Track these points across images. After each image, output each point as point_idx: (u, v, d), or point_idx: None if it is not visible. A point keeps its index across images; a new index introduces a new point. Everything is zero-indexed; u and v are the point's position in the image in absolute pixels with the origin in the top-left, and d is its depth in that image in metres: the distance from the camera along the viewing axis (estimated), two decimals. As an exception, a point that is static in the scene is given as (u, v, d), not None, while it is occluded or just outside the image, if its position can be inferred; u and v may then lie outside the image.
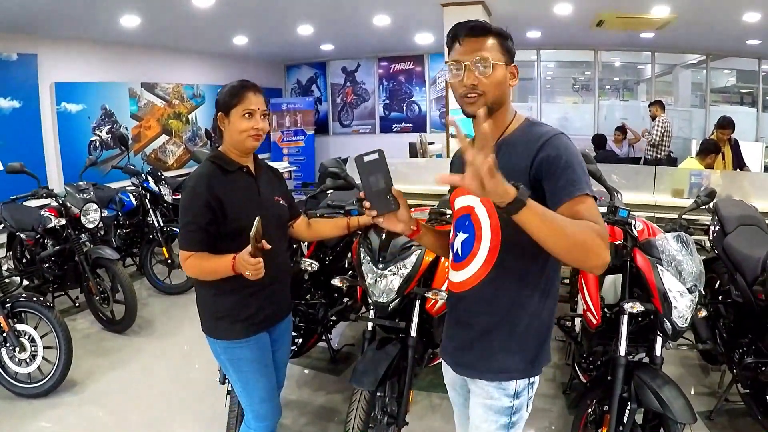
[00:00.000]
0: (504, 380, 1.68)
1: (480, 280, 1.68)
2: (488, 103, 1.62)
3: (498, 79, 1.62)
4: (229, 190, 2.12)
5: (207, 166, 2.17)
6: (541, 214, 1.34)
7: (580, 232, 1.38)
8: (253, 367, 2.23)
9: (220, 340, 2.20)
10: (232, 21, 7.57)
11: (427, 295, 2.81)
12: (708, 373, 3.82)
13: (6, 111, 6.77)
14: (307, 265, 3.39)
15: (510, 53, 1.65)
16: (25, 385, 3.71)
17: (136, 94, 8.81)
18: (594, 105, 11.20)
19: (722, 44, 9.47)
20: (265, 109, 2.18)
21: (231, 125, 2.14)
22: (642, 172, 5.91)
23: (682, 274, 2.43)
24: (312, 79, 12.75)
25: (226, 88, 2.18)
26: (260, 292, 2.18)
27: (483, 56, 1.59)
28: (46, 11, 5.97)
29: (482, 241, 1.67)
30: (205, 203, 2.05)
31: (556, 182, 1.50)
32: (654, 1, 6.56)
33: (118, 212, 6.01)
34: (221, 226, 2.09)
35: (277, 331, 2.36)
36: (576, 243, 1.38)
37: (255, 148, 2.20)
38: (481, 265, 1.68)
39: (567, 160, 1.51)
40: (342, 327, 4.53)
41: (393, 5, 7.02)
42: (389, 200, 1.63)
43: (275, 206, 2.30)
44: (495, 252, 1.65)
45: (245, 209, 2.12)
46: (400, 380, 2.73)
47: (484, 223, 1.67)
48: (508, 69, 1.64)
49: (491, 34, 1.63)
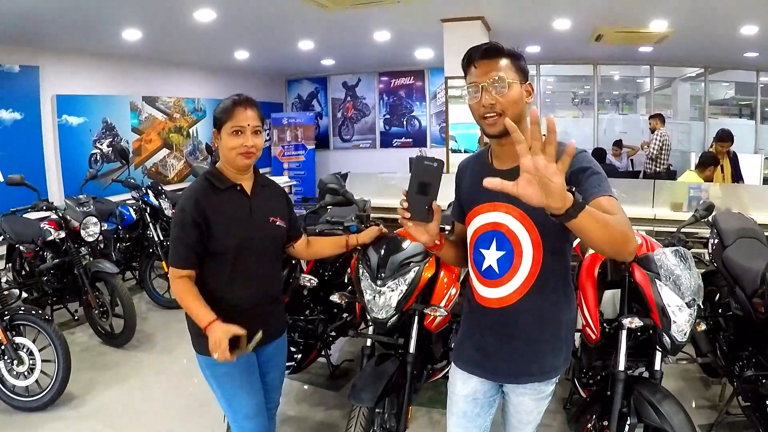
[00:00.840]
0: (554, 376, 1.88)
1: (525, 293, 1.77)
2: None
3: (515, 97, 1.68)
4: (217, 209, 2.09)
5: (200, 182, 2.15)
6: (593, 212, 1.40)
7: (619, 223, 1.48)
8: (236, 383, 2.18)
9: (203, 355, 2.14)
10: (233, 35, 7.62)
11: (426, 311, 2.80)
12: (708, 386, 3.81)
13: (7, 123, 6.81)
14: (306, 280, 3.39)
15: (524, 72, 1.72)
16: (22, 398, 3.70)
17: (137, 108, 8.85)
18: (594, 119, 11.24)
19: (720, 57, 9.54)
20: (258, 125, 2.12)
21: (222, 142, 2.12)
22: (641, 186, 5.92)
23: (681, 289, 2.42)
24: (313, 93, 12.81)
25: (221, 104, 2.14)
26: (245, 312, 2.13)
27: (499, 76, 1.66)
28: (49, 24, 6.02)
29: (523, 257, 1.75)
30: (191, 221, 2.04)
31: (583, 185, 1.61)
32: (652, 16, 6.61)
33: (118, 226, 6.01)
34: (208, 244, 2.07)
35: (267, 352, 2.31)
36: (619, 233, 1.47)
37: (248, 165, 2.16)
38: (524, 279, 1.76)
39: (593, 170, 1.64)
40: (341, 343, 4.52)
41: (393, 21, 7.06)
42: (427, 210, 1.61)
43: (269, 227, 2.24)
44: (537, 266, 1.74)
45: (232, 229, 2.09)
46: (399, 396, 2.72)
47: (524, 239, 1.74)
48: (523, 87, 1.71)
49: (504, 55, 1.70)
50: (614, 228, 1.45)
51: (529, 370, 1.85)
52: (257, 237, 2.16)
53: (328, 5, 5.83)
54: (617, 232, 1.47)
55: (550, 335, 1.83)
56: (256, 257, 2.09)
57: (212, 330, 1.95)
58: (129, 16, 6.07)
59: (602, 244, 1.47)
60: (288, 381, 4.02)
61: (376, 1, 5.78)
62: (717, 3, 5.81)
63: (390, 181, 6.77)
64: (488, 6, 6.33)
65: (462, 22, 6.68)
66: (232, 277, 2.11)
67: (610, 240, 1.46)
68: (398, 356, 2.76)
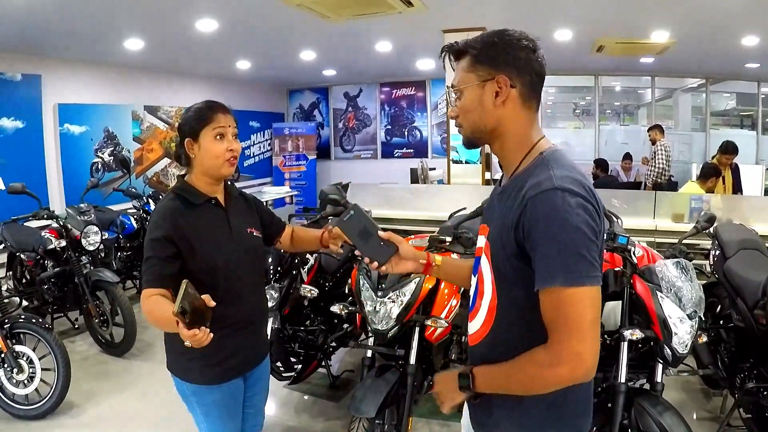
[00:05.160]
0: None
1: (481, 338, 1.46)
2: (468, 134, 1.42)
3: (466, 106, 1.38)
4: (196, 226, 1.93)
5: (170, 199, 1.97)
6: (490, 385, 1.38)
7: (518, 381, 1.31)
8: (222, 412, 2.06)
9: (191, 383, 2.02)
10: (235, 46, 7.65)
11: (427, 322, 2.80)
12: (710, 398, 3.79)
13: (9, 131, 6.81)
14: (306, 291, 3.39)
15: (486, 64, 1.35)
16: (22, 406, 3.69)
17: (139, 117, 8.87)
18: (595, 129, 11.25)
19: (721, 68, 9.55)
20: (236, 128, 1.99)
21: (203, 150, 1.94)
22: (642, 197, 5.92)
23: (682, 301, 2.43)
24: (314, 104, 12.85)
25: (191, 111, 1.98)
26: (235, 334, 2.01)
27: (451, 83, 1.42)
28: (51, 33, 6.05)
29: (483, 297, 1.44)
30: (164, 237, 1.86)
31: (533, 261, 1.25)
32: (653, 27, 6.62)
33: (119, 235, 6.01)
34: (190, 263, 1.90)
35: (254, 376, 2.20)
36: (526, 390, 1.32)
37: (231, 173, 2.00)
38: (482, 323, 1.45)
39: (543, 234, 1.22)
40: (341, 353, 4.51)
41: (395, 31, 7.08)
42: (383, 246, 1.60)
43: (247, 239, 2.10)
44: (492, 313, 1.41)
45: (216, 245, 1.95)
46: (399, 407, 2.72)
47: (486, 277, 1.42)
48: (487, 86, 1.35)
49: (462, 54, 1.41)
50: (517, 388, 1.32)
51: (485, 425, 1.49)
52: (241, 250, 2.04)
53: (330, 15, 5.85)
54: (523, 390, 1.32)
55: (510, 403, 1.38)
56: (242, 272, 1.98)
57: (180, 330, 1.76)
58: (131, 25, 6.10)
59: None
60: (288, 391, 4.01)
61: (378, 12, 5.80)
62: (718, 14, 5.82)
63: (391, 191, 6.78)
64: (489, 17, 6.34)
65: (463, 33, 6.67)
66: (222, 296, 1.83)
67: (525, 391, 1.33)
68: (399, 367, 2.76)
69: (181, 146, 1.99)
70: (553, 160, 1.32)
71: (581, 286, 1.20)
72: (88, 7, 5.15)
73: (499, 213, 1.37)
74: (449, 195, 5.97)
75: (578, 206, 1.22)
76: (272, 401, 3.74)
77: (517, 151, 1.39)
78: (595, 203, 1.27)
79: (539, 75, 1.39)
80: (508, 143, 1.40)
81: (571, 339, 1.20)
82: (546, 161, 1.32)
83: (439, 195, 6.57)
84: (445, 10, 5.88)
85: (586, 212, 1.22)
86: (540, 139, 1.39)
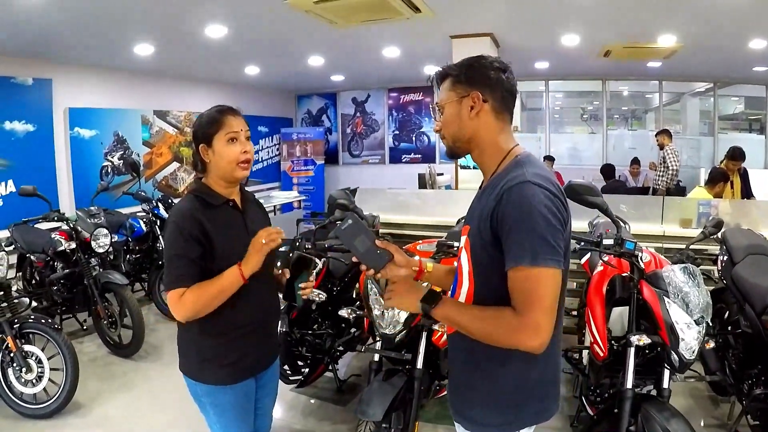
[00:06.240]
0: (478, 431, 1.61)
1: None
2: (450, 144, 1.64)
3: (446, 119, 1.61)
4: (216, 227, 1.95)
5: (189, 199, 2.00)
6: (451, 315, 1.52)
7: (482, 328, 1.45)
8: (237, 412, 2.09)
9: (204, 383, 2.04)
10: (244, 51, 7.69)
11: (434, 327, 2.81)
12: (717, 404, 3.77)
13: (20, 134, 6.88)
14: (314, 295, 3.40)
15: (464, 83, 1.57)
16: (30, 405, 3.72)
17: (149, 121, 8.93)
18: (603, 134, 11.23)
19: (729, 72, 9.52)
20: (249, 130, 2.04)
21: (217, 155, 1.98)
22: (650, 203, 5.90)
23: (689, 306, 2.42)
24: (322, 109, 12.88)
25: (203, 117, 2.03)
26: (249, 335, 2.05)
27: (435, 102, 1.65)
28: (62, 38, 6.10)
29: (462, 287, 1.61)
30: (191, 236, 1.89)
31: (504, 245, 1.42)
32: (660, 31, 6.61)
33: (128, 238, 6.05)
34: (209, 263, 1.93)
35: (265, 377, 2.22)
36: (484, 337, 1.46)
37: (246, 176, 2.04)
38: None
39: (515, 219, 1.39)
40: (349, 357, 4.51)
41: (403, 37, 7.11)
42: (379, 254, 1.68)
43: None
44: (469, 301, 1.57)
45: (234, 247, 1.96)
46: (406, 412, 2.72)
47: (464, 268, 1.60)
48: (463, 101, 1.56)
49: (443, 78, 1.64)
50: (478, 333, 1.46)
51: (460, 410, 1.65)
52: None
53: (338, 21, 5.88)
54: (483, 337, 1.46)
55: (482, 384, 1.57)
56: (257, 274, 1.97)
57: (247, 261, 1.92)
58: (141, 31, 6.14)
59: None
60: (295, 395, 4.02)
61: (386, 18, 5.83)
62: (725, 18, 5.81)
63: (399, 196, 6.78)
64: (497, 23, 6.36)
65: (471, 39, 6.73)
66: (236, 297, 1.94)
67: (481, 337, 1.47)
68: (406, 372, 2.77)
69: (196, 152, 2.04)
70: (527, 161, 1.52)
71: (545, 267, 1.37)
72: (98, 13, 5.20)
73: (478, 211, 1.55)
74: (457, 200, 5.96)
75: (546, 198, 1.41)
76: (279, 404, 3.75)
77: (494, 157, 1.59)
78: (562, 197, 1.47)
79: (510, 92, 1.58)
80: (485, 151, 1.60)
81: (535, 311, 1.37)
82: (521, 162, 1.52)
83: (447, 200, 6.56)
84: (452, 16, 5.90)
85: (552, 204, 1.41)
86: (514, 146, 1.59)
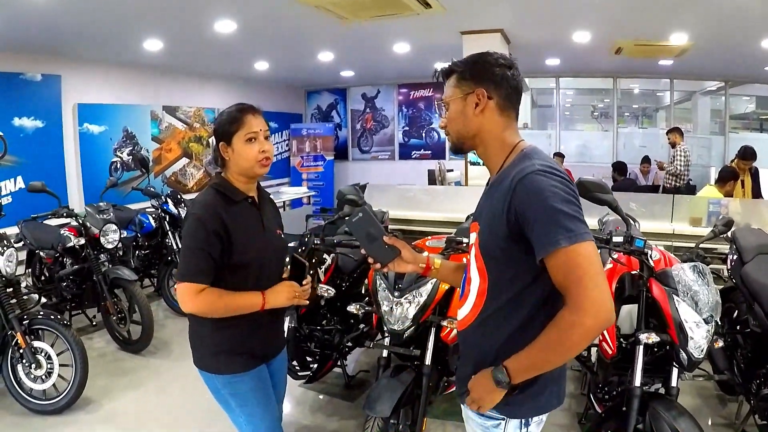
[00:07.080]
0: (488, 419, 1.60)
1: (470, 323, 1.63)
2: (455, 141, 1.65)
3: (451, 115, 1.62)
4: (235, 222, 2.00)
5: (211, 194, 2.04)
6: (524, 368, 1.45)
7: (555, 348, 1.40)
8: (258, 399, 2.12)
9: (220, 374, 2.07)
10: (253, 47, 7.70)
11: (443, 323, 2.81)
12: (725, 404, 3.75)
13: (29, 130, 6.91)
14: (323, 291, 3.40)
15: (469, 80, 1.58)
16: (39, 401, 3.74)
17: (158, 117, 8.96)
18: (613, 132, 11.18)
19: (741, 70, 9.44)
20: (268, 129, 2.08)
21: (236, 154, 2.03)
22: (660, 201, 5.88)
23: (699, 305, 2.41)
24: (332, 105, 12.89)
25: (224, 116, 2.07)
26: (260, 329, 2.12)
27: (441, 98, 1.66)
28: (71, 34, 6.13)
29: (471, 284, 1.62)
30: (214, 231, 1.94)
31: (531, 235, 1.40)
32: (672, 29, 6.57)
33: (137, 233, 6.07)
34: (225, 257, 1.98)
35: (274, 366, 2.27)
36: (564, 354, 1.42)
37: (264, 173, 2.10)
38: (471, 308, 1.63)
39: (536, 207, 1.38)
40: (357, 353, 4.52)
41: (413, 33, 7.09)
42: (387, 249, 1.71)
43: (276, 239, 2.20)
44: (482, 297, 1.58)
45: (251, 243, 2.03)
46: (414, 408, 2.73)
47: (473, 265, 1.61)
48: (468, 98, 1.57)
49: (449, 74, 1.66)
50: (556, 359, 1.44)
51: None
52: (270, 249, 2.12)
53: (348, 17, 5.87)
54: (561, 359, 1.45)
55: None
56: (270, 270, 2.06)
57: (274, 296, 2.03)
58: (150, 26, 6.16)
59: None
60: (303, 390, 4.03)
61: (396, 13, 5.82)
62: (737, 16, 5.77)
63: (408, 192, 6.79)
64: (508, 19, 6.34)
65: (481, 35, 6.70)
66: (250, 291, 2.03)
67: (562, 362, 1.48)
68: (414, 368, 2.77)
69: (216, 149, 2.09)
70: (534, 154, 1.52)
71: (583, 242, 1.35)
72: (107, 8, 5.21)
73: (488, 207, 1.55)
74: (466, 196, 5.95)
75: (559, 182, 1.41)
76: (287, 400, 3.75)
77: (499, 153, 1.59)
78: (572, 185, 1.45)
79: (515, 88, 1.58)
80: (490, 147, 1.61)
81: (588, 288, 1.34)
82: (527, 155, 1.52)
83: (457, 196, 6.57)
84: (462, 11, 5.88)
85: (567, 187, 1.42)
86: (519, 141, 1.59)
